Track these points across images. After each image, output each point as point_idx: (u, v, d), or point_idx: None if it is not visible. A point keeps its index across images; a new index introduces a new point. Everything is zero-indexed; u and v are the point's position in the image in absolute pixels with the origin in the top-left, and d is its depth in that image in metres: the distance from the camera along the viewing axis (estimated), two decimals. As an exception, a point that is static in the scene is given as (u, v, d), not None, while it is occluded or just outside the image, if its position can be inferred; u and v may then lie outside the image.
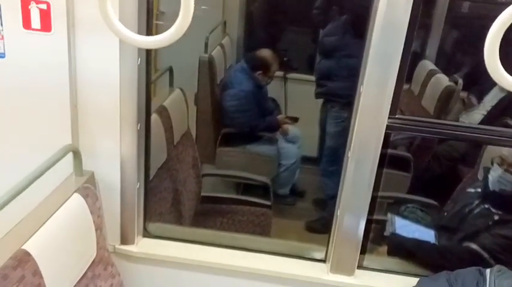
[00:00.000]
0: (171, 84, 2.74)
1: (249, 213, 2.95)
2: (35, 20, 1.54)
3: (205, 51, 3.52)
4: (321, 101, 3.61)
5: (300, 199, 3.82)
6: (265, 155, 3.60)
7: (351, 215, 1.75)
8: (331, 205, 1.89)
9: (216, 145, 3.55)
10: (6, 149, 1.72)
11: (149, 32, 1.66)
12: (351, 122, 1.68)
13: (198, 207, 2.85)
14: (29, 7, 1.52)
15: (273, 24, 4.12)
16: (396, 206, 2.67)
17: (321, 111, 3.65)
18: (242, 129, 3.58)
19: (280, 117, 3.83)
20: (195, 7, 0.93)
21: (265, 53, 3.59)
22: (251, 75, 3.54)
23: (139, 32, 1.58)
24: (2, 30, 1.57)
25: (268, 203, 3.00)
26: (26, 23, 1.54)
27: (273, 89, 3.88)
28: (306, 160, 3.84)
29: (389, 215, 2.51)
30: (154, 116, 2.18)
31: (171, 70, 2.72)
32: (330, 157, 3.55)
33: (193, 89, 3.47)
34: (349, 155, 1.70)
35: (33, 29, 1.55)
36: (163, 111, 2.38)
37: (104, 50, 1.58)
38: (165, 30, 1.00)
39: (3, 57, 1.60)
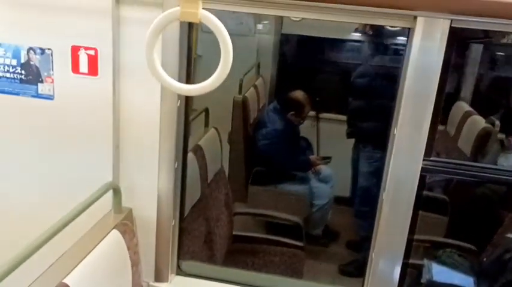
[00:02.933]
0: (206, 124, 2.82)
1: (281, 253, 2.93)
2: (83, 65, 1.64)
3: (239, 92, 3.61)
4: (353, 140, 3.61)
5: (333, 241, 3.76)
6: (297, 194, 3.59)
7: (386, 259, 1.72)
8: (366, 248, 1.86)
9: (248, 184, 3.58)
10: (52, 183, 1.80)
11: (189, 77, 1.73)
12: (384, 163, 1.68)
13: (230, 246, 2.86)
14: (78, 53, 1.64)
15: (305, 66, 4.21)
16: (433, 250, 2.59)
17: (353, 151, 3.65)
18: (274, 168, 3.61)
19: (312, 157, 3.84)
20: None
21: (298, 94, 3.66)
22: (284, 116, 3.60)
23: (180, 77, 1.66)
24: (53, 74, 1.68)
25: (300, 244, 2.97)
26: (75, 68, 1.65)
27: (306, 129, 3.92)
28: (339, 200, 3.81)
29: (425, 259, 2.44)
30: (190, 155, 2.24)
31: (206, 111, 2.81)
32: (363, 198, 3.51)
33: (227, 129, 3.55)
34: (383, 196, 1.69)
35: (81, 73, 1.66)
36: (198, 150, 2.45)
37: (146, 93, 1.66)
38: (202, 73, 1.06)
39: (52, 99, 1.71)
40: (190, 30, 1.69)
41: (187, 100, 1.81)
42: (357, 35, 3.79)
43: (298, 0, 1.45)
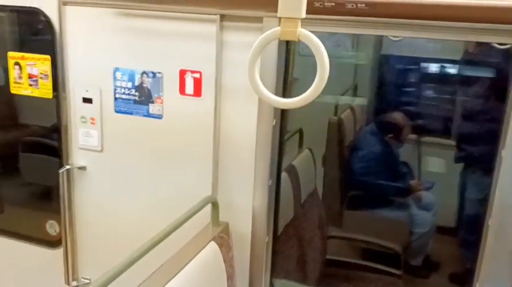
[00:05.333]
0: (300, 145, 2.85)
1: (377, 281, 2.82)
2: (189, 87, 1.78)
3: (335, 113, 3.60)
4: (459, 165, 3.40)
5: (434, 272, 3.53)
6: (395, 221, 3.45)
7: (492, 291, 1.59)
8: (470, 279, 1.74)
9: (343, 207, 3.51)
10: (159, 194, 1.96)
11: (285, 96, 1.79)
12: (491, 188, 1.57)
13: (323, 269, 2.82)
14: (185, 76, 1.78)
15: (405, 88, 4.08)
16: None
17: (460, 177, 3.42)
18: (371, 192, 3.51)
19: (413, 182, 3.67)
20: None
21: (397, 116, 3.55)
22: (381, 138, 3.51)
23: (277, 89, 1.73)
24: (162, 95, 1.84)
25: (398, 272, 2.84)
26: (182, 89, 1.80)
27: (406, 153, 3.77)
28: (441, 229, 3.58)
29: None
30: (283, 174, 2.28)
31: (300, 132, 2.84)
32: (470, 227, 3.26)
33: (322, 150, 3.54)
34: (489, 223, 1.57)
35: (187, 95, 1.80)
36: (292, 170, 2.48)
37: (245, 112, 1.75)
38: (298, 95, 1.10)
39: (161, 118, 1.87)
40: (288, 54, 1.76)
41: (282, 120, 1.87)
42: (461, 54, 3.60)
43: (398, 19, 1.44)
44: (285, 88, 1.80)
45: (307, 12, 1.04)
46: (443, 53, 3.81)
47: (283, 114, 1.87)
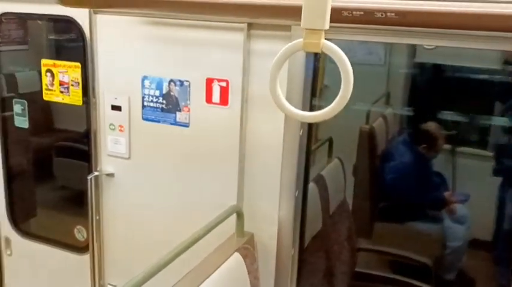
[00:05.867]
0: (329, 154, 2.80)
1: (407, 295, 2.73)
2: (216, 95, 1.77)
3: (367, 122, 3.53)
4: (497, 178, 3.26)
5: (467, 287, 3.39)
6: (428, 234, 3.33)
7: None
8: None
9: (373, 219, 3.43)
10: (184, 202, 1.95)
11: (312, 106, 1.76)
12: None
13: (351, 283, 2.75)
14: (212, 84, 1.77)
15: (440, 97, 3.96)
16: None
17: (499, 190, 3.28)
18: (403, 204, 3.40)
19: (447, 194, 3.55)
20: (358, 80, 0.98)
21: (431, 126, 3.44)
22: (414, 149, 3.41)
23: (303, 105, 1.69)
24: (189, 103, 1.84)
25: (429, 287, 2.74)
26: (209, 98, 1.79)
27: (440, 163, 3.65)
28: (476, 243, 3.43)
29: None
30: (311, 185, 2.24)
31: (330, 141, 2.79)
32: (508, 243, 3.12)
33: (352, 160, 3.47)
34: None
35: (214, 103, 1.79)
36: (320, 180, 2.43)
37: (271, 121, 1.72)
38: (329, 102, 1.07)
39: (188, 126, 1.86)
40: (317, 61, 1.73)
41: (310, 130, 1.83)
42: (500, 63, 3.47)
43: (430, 28, 1.38)
44: (313, 96, 1.77)
45: (335, 21, 1.01)
46: (480, 62, 3.68)
47: (310, 124, 1.84)
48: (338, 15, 1.03)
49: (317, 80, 1.82)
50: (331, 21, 0.97)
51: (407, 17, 1.11)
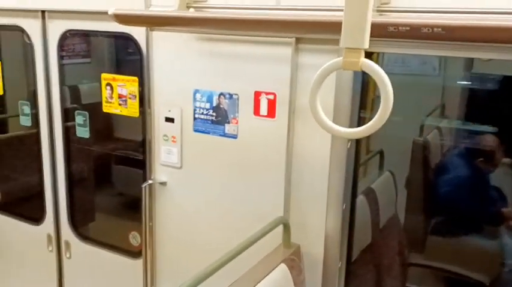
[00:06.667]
0: (380, 167, 2.76)
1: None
2: (263, 108, 1.81)
3: (420, 134, 3.44)
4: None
5: (529, 310, 3.20)
6: (484, 250, 3.18)
7: None
8: None
9: (426, 233, 3.32)
10: (232, 212, 2.00)
11: (361, 119, 1.75)
12: None
13: (401, 298, 2.68)
14: (260, 97, 1.81)
15: (500, 109, 3.78)
16: None
17: None
18: (458, 218, 3.28)
19: (506, 209, 3.38)
20: (411, 92, 0.99)
21: (489, 138, 3.30)
22: (471, 162, 3.28)
23: (351, 119, 1.69)
24: (238, 116, 1.89)
25: (485, 306, 2.62)
26: (256, 110, 1.83)
27: (498, 177, 3.49)
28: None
29: None
30: (360, 198, 2.22)
31: (381, 153, 2.75)
32: None
33: (404, 173, 3.39)
34: None
35: (261, 116, 1.83)
36: (370, 193, 2.40)
37: (318, 134, 1.73)
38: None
39: (236, 138, 1.91)
40: (365, 73, 1.72)
41: (359, 142, 1.82)
42: None
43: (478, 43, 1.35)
44: (362, 109, 1.76)
45: (381, 37, 1.02)
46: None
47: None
48: (384, 31, 1.03)
49: (366, 92, 1.81)
50: (376, 37, 0.99)
51: (455, 32, 1.09)
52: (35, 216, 2.71)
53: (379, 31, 0.95)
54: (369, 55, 1.24)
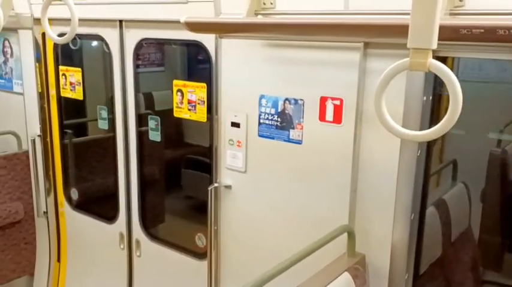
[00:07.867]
0: (454, 177, 2.63)
1: None
2: (329, 114, 1.80)
3: (498, 145, 3.23)
4: None
5: None
6: None
7: None
8: None
9: (503, 250, 3.10)
10: (295, 217, 1.99)
11: (432, 121, 1.69)
12: None
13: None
14: (326, 103, 1.80)
15: None
16: None
17: None
18: (540, 236, 3.03)
19: None
20: (489, 100, 0.94)
21: None
22: (556, 175, 3.03)
23: (422, 121, 1.63)
24: (303, 121, 1.89)
25: None
26: (322, 116, 1.82)
27: None
28: None
29: None
30: (431, 209, 2.13)
31: (454, 163, 2.62)
32: None
33: (479, 185, 3.19)
34: None
35: (327, 121, 1.81)
36: (441, 205, 2.30)
37: (386, 141, 1.69)
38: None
39: (301, 143, 1.91)
40: (438, 80, 1.66)
41: (430, 150, 1.75)
42: None
43: None
44: (433, 116, 1.70)
45: (453, 40, 0.98)
46: None
47: (430, 145, 1.76)
48: (455, 34, 0.99)
49: (437, 94, 1.74)
50: (448, 40, 0.95)
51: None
52: (109, 215, 2.87)
53: (450, 34, 0.91)
54: (442, 61, 1.20)
